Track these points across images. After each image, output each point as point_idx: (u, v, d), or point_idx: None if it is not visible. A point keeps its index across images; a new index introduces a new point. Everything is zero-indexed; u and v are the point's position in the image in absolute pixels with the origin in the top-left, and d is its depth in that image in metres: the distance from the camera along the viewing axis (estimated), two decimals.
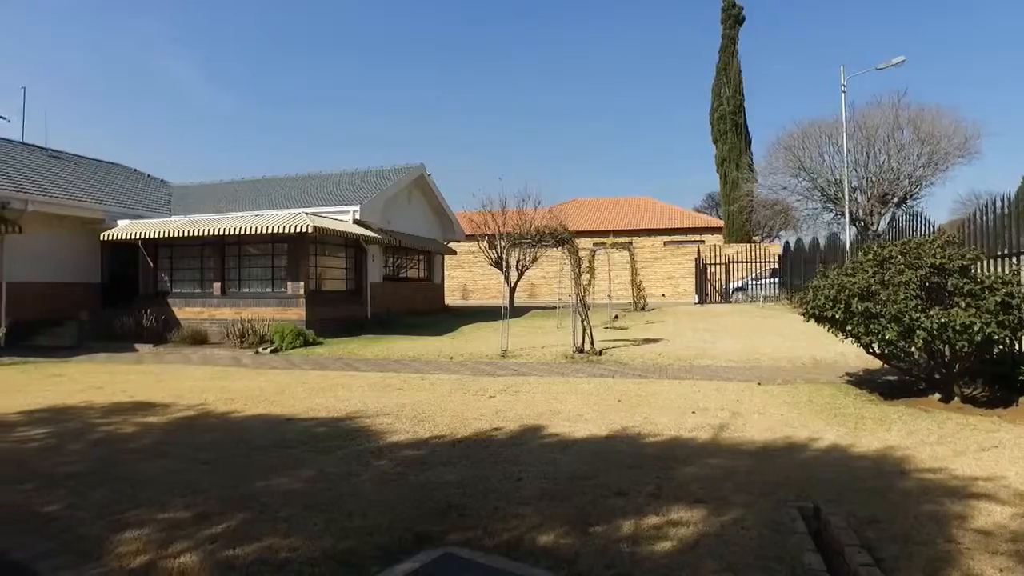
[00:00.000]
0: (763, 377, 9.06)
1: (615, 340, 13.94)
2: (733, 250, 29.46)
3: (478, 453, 5.25)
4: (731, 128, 37.31)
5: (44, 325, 15.71)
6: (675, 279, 34.31)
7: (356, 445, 5.59)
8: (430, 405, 7.40)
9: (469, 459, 5.07)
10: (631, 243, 26.27)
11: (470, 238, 27.42)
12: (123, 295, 17.26)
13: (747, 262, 27.80)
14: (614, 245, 23.92)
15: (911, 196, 29.41)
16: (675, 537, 3.42)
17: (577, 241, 13.61)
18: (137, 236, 16.42)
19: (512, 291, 25.26)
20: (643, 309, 23.03)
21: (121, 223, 17.10)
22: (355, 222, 17.28)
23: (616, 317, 19.43)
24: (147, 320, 15.71)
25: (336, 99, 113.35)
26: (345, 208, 17.41)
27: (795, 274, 23.39)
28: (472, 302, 33.95)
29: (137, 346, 15.05)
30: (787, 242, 27.48)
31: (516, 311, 20.90)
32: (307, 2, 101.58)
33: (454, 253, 27.25)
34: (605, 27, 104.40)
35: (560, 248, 13.54)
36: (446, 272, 28.55)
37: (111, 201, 18.27)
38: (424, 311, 22.37)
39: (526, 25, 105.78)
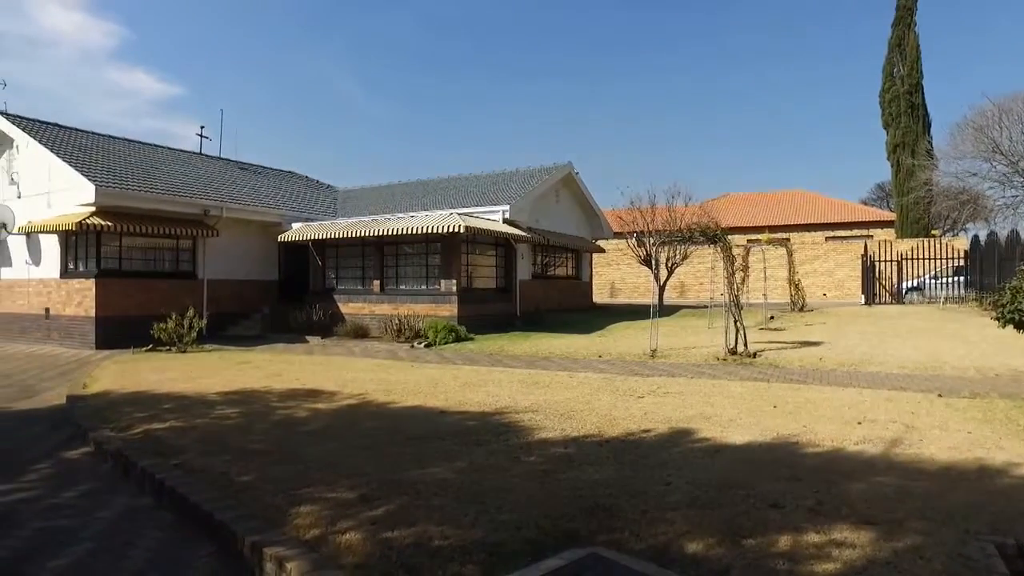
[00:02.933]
0: (944, 388, 8.13)
1: (770, 342, 13.19)
2: (907, 245, 26.68)
3: (626, 454, 5.20)
4: (906, 110, 33.57)
5: (234, 317, 17.74)
6: (838, 278, 31.70)
7: (505, 440, 5.75)
8: (578, 403, 7.44)
9: (617, 460, 5.04)
10: (788, 239, 24.75)
11: (618, 236, 27.16)
12: (296, 291, 19.04)
13: (924, 259, 25.07)
14: (770, 242, 22.65)
15: None
16: (839, 559, 3.17)
17: (730, 238, 13.04)
18: (307, 237, 18.05)
19: (661, 290, 24.69)
20: (802, 310, 21.59)
21: (295, 226, 18.86)
22: (504, 221, 17.76)
23: (772, 318, 18.38)
24: (316, 315, 17.21)
25: (486, 101, 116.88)
26: (495, 208, 17.95)
27: (986, 273, 20.76)
28: (620, 300, 33.61)
29: (308, 338, 16.53)
30: (975, 236, 24.41)
31: (665, 310, 20.41)
32: (463, 5, 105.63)
33: (602, 251, 27.15)
34: (761, 11, 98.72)
35: (711, 245, 13.05)
36: (594, 270, 28.51)
37: (286, 206, 20.27)
38: (572, 309, 22.51)
39: (667, 14, 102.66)
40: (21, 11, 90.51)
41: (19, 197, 17.20)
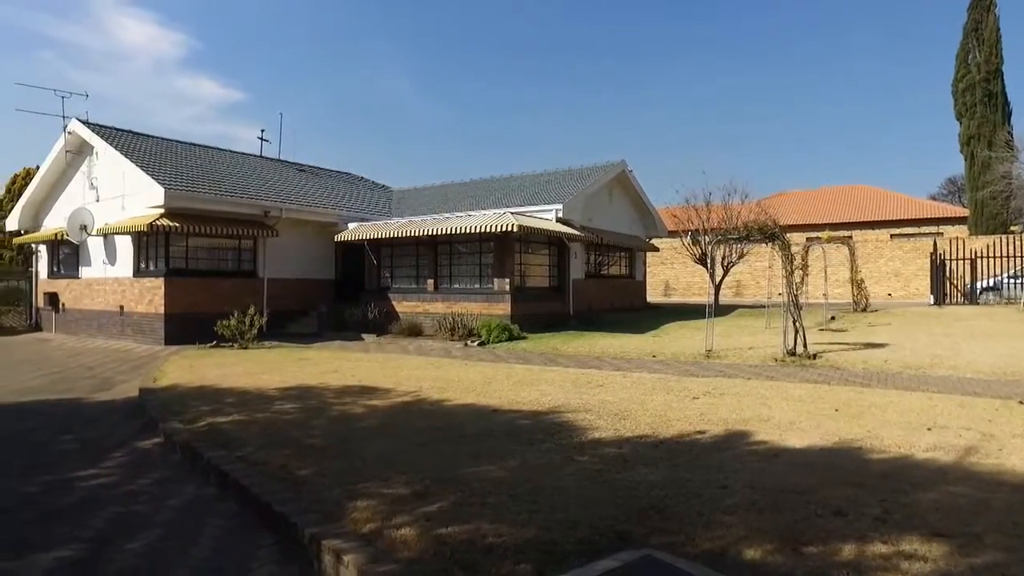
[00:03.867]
0: None
1: (831, 343, 12.75)
2: (981, 243, 25.32)
3: (681, 456, 5.12)
4: (982, 99, 31.69)
5: (293, 315, 18.24)
6: (904, 277, 30.37)
7: (558, 439, 5.73)
8: (632, 403, 7.36)
9: (671, 461, 4.96)
10: (850, 237, 23.84)
11: (673, 234, 26.74)
12: (352, 290, 19.44)
13: (1001, 257, 23.73)
14: (830, 239, 21.85)
15: None
16: (909, 572, 3.04)
17: (788, 236, 12.68)
18: (363, 237, 18.40)
19: (717, 289, 24.21)
20: (865, 310, 20.79)
21: (351, 226, 19.26)
22: (557, 220, 17.71)
23: (832, 318, 17.77)
24: (371, 313, 17.53)
25: (538, 105, 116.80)
26: (547, 207, 17.92)
27: None
28: (675, 299, 33.11)
29: (363, 336, 16.86)
30: None
31: (721, 310, 19.99)
32: (511, 9, 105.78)
33: (656, 250, 26.79)
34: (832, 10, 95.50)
35: (769, 244, 12.72)
36: (648, 269, 28.16)
37: (343, 206, 20.73)
38: (625, 308, 22.30)
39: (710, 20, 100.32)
40: (102, 27, 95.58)
41: (98, 201, 18.13)
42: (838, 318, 18.06)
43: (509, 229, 15.21)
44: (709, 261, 20.03)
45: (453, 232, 16.34)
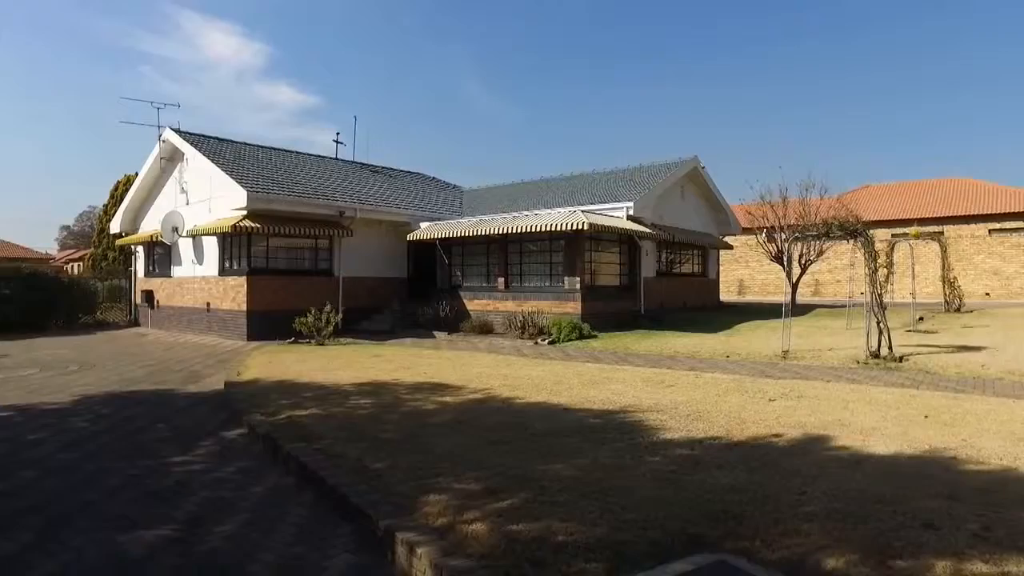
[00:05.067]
0: None
1: (919, 345, 12.08)
2: None
3: (756, 459, 4.96)
4: None
5: (366, 313, 18.74)
6: (1005, 275, 28.37)
7: (629, 439, 5.67)
8: (704, 404, 7.20)
9: (746, 464, 4.82)
10: (941, 233, 22.51)
11: (747, 231, 25.96)
12: (423, 288, 19.82)
13: None
14: (918, 236, 20.72)
15: None
16: None
17: (872, 232, 12.08)
18: (435, 236, 18.72)
19: (794, 287, 23.32)
20: (958, 310, 19.59)
21: (423, 225, 19.63)
22: (628, 218, 17.50)
23: (921, 319, 16.83)
24: (442, 311, 17.81)
25: (608, 104, 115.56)
26: (618, 205, 17.73)
27: None
28: (749, 299, 32.13)
29: (435, 333, 17.15)
30: None
31: (798, 309, 19.25)
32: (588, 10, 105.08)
33: (730, 247, 26.09)
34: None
35: (851, 240, 12.16)
36: (721, 267, 27.44)
37: (414, 206, 21.15)
38: (697, 307, 21.83)
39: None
40: (192, 42, 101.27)
41: (187, 204, 19.20)
42: (928, 319, 17.10)
43: (580, 227, 15.14)
44: (786, 259, 19.30)
45: (523, 231, 16.39)
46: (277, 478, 5.27)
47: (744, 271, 34.89)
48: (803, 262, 24.31)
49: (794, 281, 23.59)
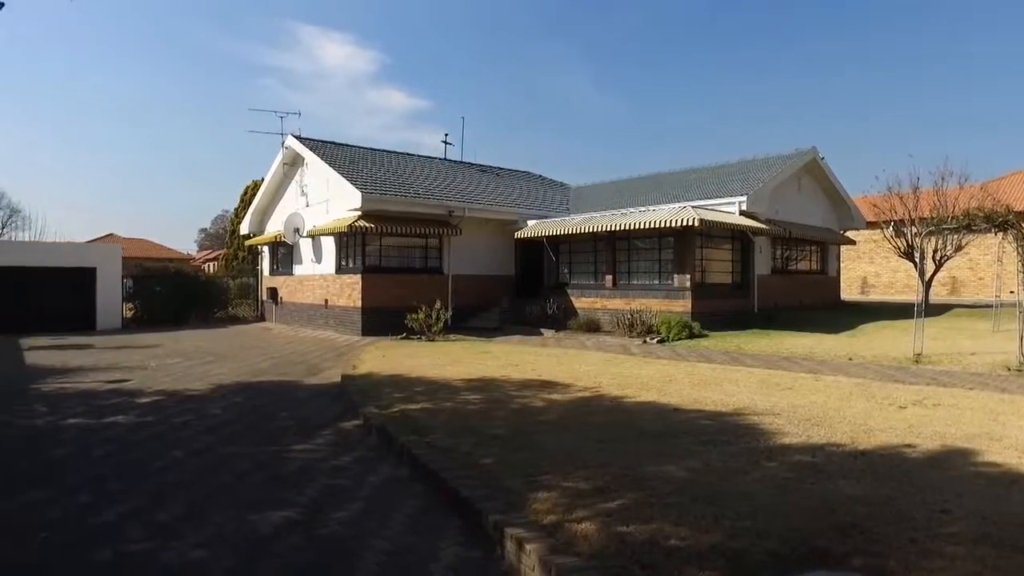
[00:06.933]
0: None
1: None
2: None
3: (886, 470, 4.59)
4: None
5: (475, 310, 19.11)
6: None
7: (743, 442, 5.42)
8: (825, 409, 6.76)
9: (875, 475, 4.47)
10: None
11: (872, 225, 24.21)
12: (531, 286, 19.93)
13: None
14: None
15: None
16: None
17: None
18: (542, 234, 18.77)
19: (927, 285, 21.49)
20: None
21: (530, 223, 19.74)
22: (741, 213, 16.76)
23: None
24: (550, 308, 17.85)
25: (718, 97, 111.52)
26: (730, 200, 17.02)
27: None
28: (873, 297, 29.94)
29: (542, 331, 17.21)
30: None
31: (932, 309, 17.69)
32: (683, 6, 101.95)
33: (852, 243, 24.43)
34: None
35: (998, 233, 11.01)
36: (842, 264, 25.77)
37: (522, 204, 21.31)
38: (816, 306, 20.60)
39: None
40: (310, 53, 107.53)
41: (307, 206, 20.38)
42: None
43: (690, 223, 14.68)
44: (917, 254, 17.76)
45: (632, 228, 16.10)
46: (391, 469, 5.45)
47: (868, 268, 32.54)
48: (938, 258, 22.36)
49: (927, 278, 21.73)
